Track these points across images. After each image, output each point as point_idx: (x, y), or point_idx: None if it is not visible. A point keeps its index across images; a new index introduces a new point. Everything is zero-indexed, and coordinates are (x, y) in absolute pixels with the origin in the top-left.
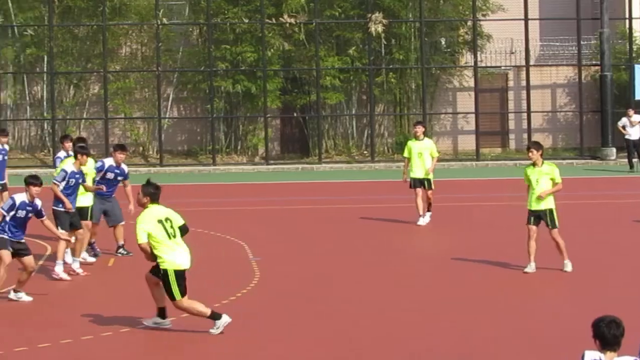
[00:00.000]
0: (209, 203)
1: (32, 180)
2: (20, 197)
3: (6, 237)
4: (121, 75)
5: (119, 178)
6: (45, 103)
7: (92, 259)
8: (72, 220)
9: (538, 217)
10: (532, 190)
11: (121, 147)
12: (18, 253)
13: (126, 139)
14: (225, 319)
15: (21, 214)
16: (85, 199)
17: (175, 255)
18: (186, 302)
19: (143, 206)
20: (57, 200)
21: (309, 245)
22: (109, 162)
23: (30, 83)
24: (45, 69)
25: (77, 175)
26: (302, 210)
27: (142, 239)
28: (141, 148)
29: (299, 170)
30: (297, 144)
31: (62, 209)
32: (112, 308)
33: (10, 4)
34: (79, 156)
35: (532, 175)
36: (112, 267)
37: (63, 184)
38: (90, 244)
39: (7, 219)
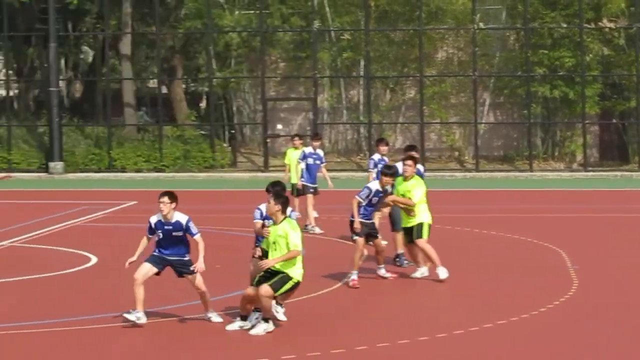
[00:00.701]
0: (526, 209)
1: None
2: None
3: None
4: (437, 79)
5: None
6: (361, 107)
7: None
8: (370, 231)
9: None
10: None
11: (411, 148)
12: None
13: (442, 144)
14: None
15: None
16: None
17: (301, 268)
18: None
19: (274, 214)
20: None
21: (630, 254)
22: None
23: (346, 87)
24: (361, 73)
25: (381, 194)
26: (622, 219)
27: (301, 247)
28: (457, 153)
29: (617, 178)
30: (616, 150)
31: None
32: (406, 315)
33: (327, 9)
34: (383, 178)
35: None
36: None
37: (365, 201)
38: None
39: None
